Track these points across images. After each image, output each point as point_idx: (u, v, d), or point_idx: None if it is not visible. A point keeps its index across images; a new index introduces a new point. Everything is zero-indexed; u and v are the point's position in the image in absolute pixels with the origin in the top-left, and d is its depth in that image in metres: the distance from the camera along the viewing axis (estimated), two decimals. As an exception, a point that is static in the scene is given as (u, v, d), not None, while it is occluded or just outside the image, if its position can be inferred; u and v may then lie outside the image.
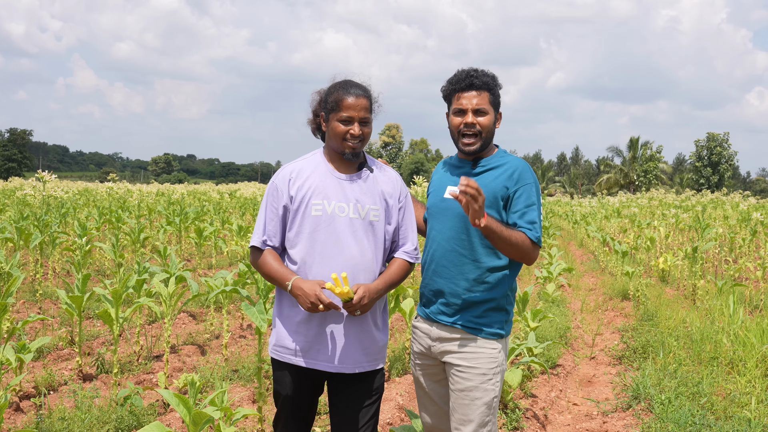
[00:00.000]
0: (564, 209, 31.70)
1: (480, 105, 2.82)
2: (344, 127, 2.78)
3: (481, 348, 2.81)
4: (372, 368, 2.85)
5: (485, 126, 2.83)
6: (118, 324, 4.78)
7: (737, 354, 5.68)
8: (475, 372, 2.78)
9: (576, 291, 10.85)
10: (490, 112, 2.85)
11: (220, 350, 6.20)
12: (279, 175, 2.88)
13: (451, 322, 2.84)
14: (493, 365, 2.80)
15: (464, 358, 2.81)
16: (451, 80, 2.90)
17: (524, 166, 2.85)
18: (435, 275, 2.90)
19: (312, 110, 2.98)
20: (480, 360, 2.79)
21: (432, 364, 2.96)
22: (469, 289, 2.81)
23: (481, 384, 2.77)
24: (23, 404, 4.59)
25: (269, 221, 2.83)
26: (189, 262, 11.84)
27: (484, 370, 2.78)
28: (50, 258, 9.26)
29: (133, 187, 24.92)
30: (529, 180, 2.81)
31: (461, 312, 2.83)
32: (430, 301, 2.94)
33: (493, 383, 2.80)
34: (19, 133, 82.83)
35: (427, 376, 3.00)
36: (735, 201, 24.68)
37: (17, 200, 18.54)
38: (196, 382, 3.00)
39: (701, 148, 64.33)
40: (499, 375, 2.83)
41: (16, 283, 4.46)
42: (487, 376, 2.78)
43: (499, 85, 2.90)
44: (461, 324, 2.82)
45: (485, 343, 2.81)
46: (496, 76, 2.89)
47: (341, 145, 2.81)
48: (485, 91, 2.83)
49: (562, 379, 5.97)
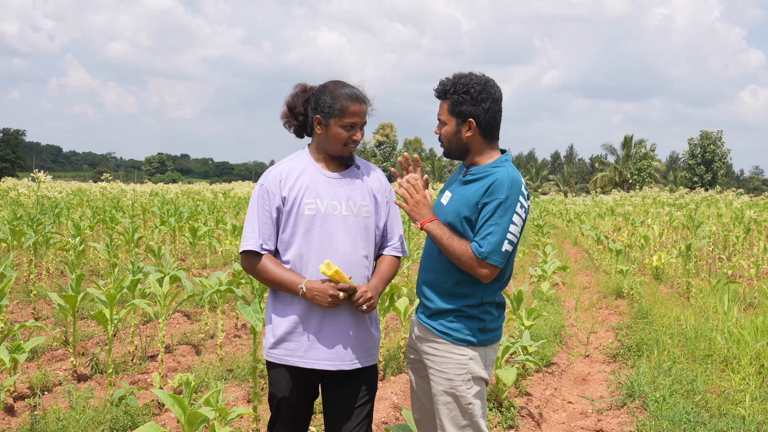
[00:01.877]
0: (558, 207, 31.78)
1: (439, 115, 2.83)
2: (347, 133, 2.80)
3: (449, 353, 2.77)
4: (368, 363, 2.86)
5: (445, 135, 2.82)
6: (112, 324, 4.77)
7: (731, 351, 5.71)
8: (442, 376, 2.77)
9: (570, 289, 10.87)
10: (449, 122, 2.79)
11: (215, 350, 6.20)
12: (268, 177, 2.85)
13: (427, 323, 2.85)
14: (461, 371, 2.74)
15: (434, 362, 2.80)
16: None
17: (503, 179, 2.67)
18: (420, 276, 2.94)
19: (288, 104, 2.92)
20: (448, 365, 2.76)
21: (418, 359, 2.96)
22: (441, 294, 2.80)
23: (450, 389, 2.75)
24: (17, 405, 4.57)
25: (263, 224, 2.80)
26: (183, 262, 11.82)
27: (451, 376, 2.75)
28: (44, 258, 9.23)
29: (126, 186, 24.87)
30: (500, 195, 2.64)
31: (434, 315, 2.82)
32: (418, 299, 2.99)
33: (463, 390, 2.74)
34: (12, 133, 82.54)
35: (414, 370, 3.00)
36: (728, 199, 24.78)
37: (11, 200, 18.48)
38: (191, 382, 3.00)
39: (694, 146, 64.58)
40: (472, 383, 2.76)
41: (10, 283, 4.45)
42: (455, 381, 2.74)
43: (461, 92, 2.74)
44: (433, 327, 2.81)
45: (453, 349, 2.77)
46: (459, 82, 2.75)
47: (342, 149, 2.82)
48: (443, 99, 2.82)
49: (556, 378, 5.98)
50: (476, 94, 2.73)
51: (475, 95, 2.73)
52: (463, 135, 2.78)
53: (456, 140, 2.80)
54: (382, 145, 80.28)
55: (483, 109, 2.74)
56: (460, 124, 2.77)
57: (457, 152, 2.84)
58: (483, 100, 2.74)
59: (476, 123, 2.75)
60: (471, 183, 2.78)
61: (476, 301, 2.76)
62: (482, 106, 2.74)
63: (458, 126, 2.77)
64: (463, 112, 2.75)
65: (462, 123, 2.77)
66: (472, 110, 2.74)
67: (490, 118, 2.77)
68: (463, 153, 2.84)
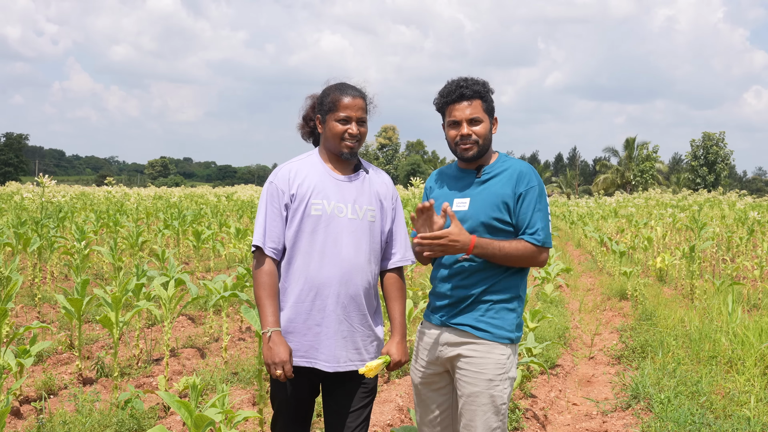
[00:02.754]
0: (561, 210, 31.72)
1: (473, 114, 2.81)
2: (342, 127, 2.81)
3: (489, 353, 2.77)
4: None
5: (481, 134, 2.82)
6: (117, 328, 4.78)
7: (736, 353, 5.70)
8: (480, 377, 2.75)
9: (574, 291, 10.87)
10: (485, 120, 2.83)
11: (220, 353, 6.21)
12: (278, 175, 2.87)
13: (463, 326, 2.80)
14: (500, 371, 2.76)
15: (472, 363, 2.77)
16: (442, 92, 2.89)
17: (528, 168, 2.83)
18: (445, 281, 2.88)
19: (303, 115, 3.00)
20: (487, 365, 2.75)
21: (438, 372, 2.91)
22: (479, 291, 2.79)
23: (488, 389, 2.74)
24: (23, 408, 4.59)
25: (270, 222, 2.82)
26: (187, 265, 11.84)
27: (490, 376, 2.74)
28: (48, 262, 9.25)
29: (130, 190, 24.90)
30: (533, 183, 2.80)
31: (471, 315, 2.80)
32: (440, 307, 2.90)
33: (500, 390, 2.76)
34: (15, 137, 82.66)
35: (428, 385, 2.95)
36: (731, 200, 24.74)
37: (15, 205, 18.51)
38: (198, 385, 3.01)
39: (697, 147, 64.48)
40: (508, 382, 2.78)
41: (16, 287, 4.47)
42: (494, 381, 2.75)
43: (491, 91, 2.88)
44: (472, 327, 2.79)
45: (494, 348, 2.77)
46: (486, 82, 2.87)
47: (339, 145, 2.83)
48: (476, 99, 2.82)
49: (561, 379, 5.98)
50: (492, 94, 2.92)
51: (493, 95, 2.92)
52: (493, 132, 2.91)
53: (488, 138, 2.88)
54: (384, 148, 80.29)
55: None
56: (491, 121, 2.89)
57: (485, 150, 2.88)
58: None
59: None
60: (490, 180, 2.85)
61: (514, 294, 2.84)
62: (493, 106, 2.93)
63: (491, 124, 2.89)
64: (492, 111, 2.90)
65: (491, 120, 2.90)
66: (493, 109, 2.92)
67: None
68: (486, 151, 2.90)
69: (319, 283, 2.77)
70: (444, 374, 2.92)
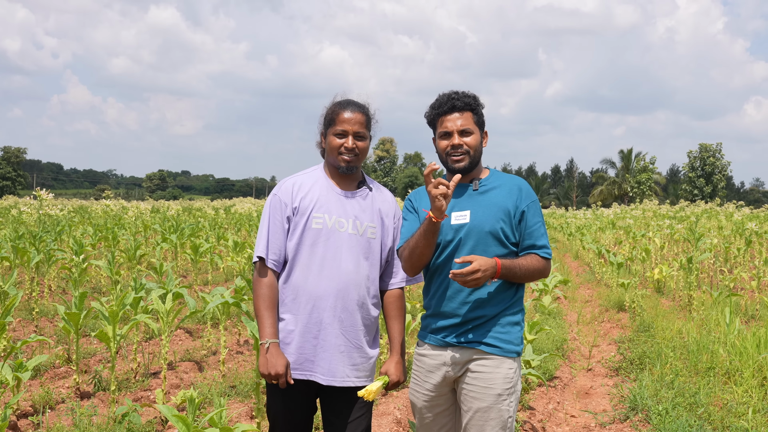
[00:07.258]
0: (559, 221, 31.75)
1: (464, 125, 2.83)
2: (339, 141, 2.86)
3: (498, 368, 2.77)
4: (361, 383, 2.86)
5: (472, 145, 2.83)
6: (115, 341, 4.78)
7: (734, 364, 5.71)
8: (489, 392, 2.74)
9: (572, 303, 10.87)
10: (476, 132, 2.85)
11: (218, 366, 6.20)
12: (281, 188, 2.92)
13: (471, 344, 2.78)
14: (508, 385, 2.76)
15: (480, 379, 2.76)
16: (434, 105, 2.91)
17: (526, 183, 2.90)
18: (447, 300, 2.83)
19: (320, 133, 3.03)
20: (495, 380, 2.75)
21: (442, 393, 2.88)
22: (499, 311, 2.79)
23: (495, 404, 2.74)
24: (21, 423, 4.58)
25: (273, 234, 2.85)
26: (185, 279, 11.82)
27: (498, 390, 2.74)
28: (46, 276, 9.24)
29: (128, 204, 24.91)
30: (534, 197, 2.87)
31: (480, 332, 2.78)
32: (444, 327, 2.85)
33: (507, 404, 2.76)
34: (13, 151, 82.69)
35: (431, 408, 2.91)
36: (729, 211, 24.80)
37: (12, 218, 18.50)
38: (195, 398, 3.01)
39: (694, 158, 64.71)
40: (514, 396, 2.79)
41: (15, 301, 4.47)
42: (502, 396, 2.75)
43: (481, 105, 2.91)
44: (481, 344, 2.77)
45: (503, 362, 2.77)
46: (477, 97, 2.90)
47: (336, 158, 2.87)
48: (468, 111, 2.85)
49: (559, 391, 5.97)
50: (483, 108, 2.95)
51: (482, 109, 2.95)
52: (483, 145, 2.93)
53: (478, 150, 2.90)
54: (382, 160, 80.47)
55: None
56: (482, 134, 2.92)
57: (476, 162, 2.90)
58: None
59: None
60: (490, 192, 2.86)
61: (519, 308, 2.87)
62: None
63: (481, 137, 2.91)
64: (483, 124, 2.93)
65: (482, 133, 2.92)
66: (484, 122, 2.95)
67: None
68: (477, 163, 2.92)
69: (317, 296, 2.79)
70: (449, 394, 2.90)
